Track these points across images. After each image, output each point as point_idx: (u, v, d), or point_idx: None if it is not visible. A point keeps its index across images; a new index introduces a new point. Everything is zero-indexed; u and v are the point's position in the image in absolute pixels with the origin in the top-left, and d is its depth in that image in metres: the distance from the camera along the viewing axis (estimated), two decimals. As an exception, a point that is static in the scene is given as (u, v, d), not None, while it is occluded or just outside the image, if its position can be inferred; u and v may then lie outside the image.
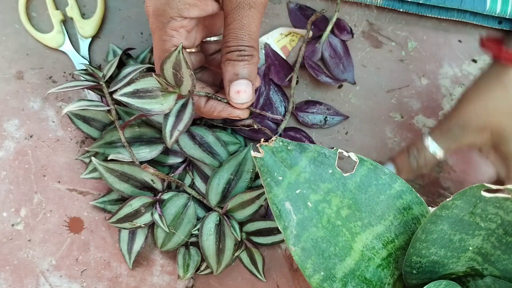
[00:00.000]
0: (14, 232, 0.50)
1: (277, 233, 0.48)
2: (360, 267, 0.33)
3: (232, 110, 0.41)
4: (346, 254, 0.32)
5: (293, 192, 0.32)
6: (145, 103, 0.38)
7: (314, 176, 0.32)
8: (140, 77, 0.38)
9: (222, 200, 0.47)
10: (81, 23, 0.51)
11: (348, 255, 0.32)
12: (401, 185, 0.33)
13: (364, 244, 0.33)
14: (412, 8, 0.52)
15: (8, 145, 0.50)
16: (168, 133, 0.40)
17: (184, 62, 0.36)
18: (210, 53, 0.46)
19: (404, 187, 0.33)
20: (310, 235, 0.32)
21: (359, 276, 0.33)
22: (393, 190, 0.33)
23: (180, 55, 0.36)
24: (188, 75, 0.37)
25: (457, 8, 0.51)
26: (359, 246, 0.33)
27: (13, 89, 0.51)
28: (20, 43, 0.51)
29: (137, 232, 0.48)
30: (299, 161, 0.33)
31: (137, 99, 0.38)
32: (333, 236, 0.32)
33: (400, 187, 0.33)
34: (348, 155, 0.33)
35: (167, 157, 0.47)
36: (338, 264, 0.32)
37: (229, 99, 0.40)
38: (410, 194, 0.33)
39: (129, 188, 0.46)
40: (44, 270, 0.49)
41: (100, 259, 0.50)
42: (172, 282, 0.50)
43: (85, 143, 0.51)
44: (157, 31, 0.39)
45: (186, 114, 0.40)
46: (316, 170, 0.32)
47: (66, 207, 0.50)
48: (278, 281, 0.50)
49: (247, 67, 0.38)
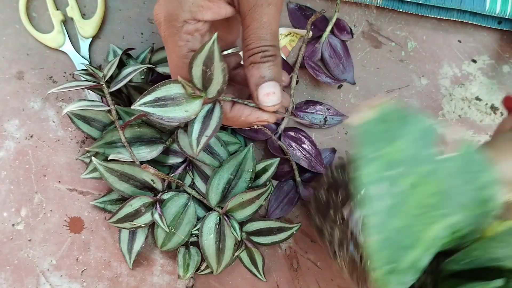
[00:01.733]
0: (14, 232, 0.50)
1: (277, 233, 0.48)
2: (422, 257, 0.30)
3: (261, 114, 0.38)
4: (415, 244, 0.29)
5: (388, 172, 0.28)
6: (167, 111, 0.36)
7: (412, 156, 0.28)
8: (161, 84, 0.36)
9: (222, 200, 0.47)
10: (81, 23, 0.51)
11: (417, 246, 0.29)
12: (489, 176, 0.30)
13: (434, 234, 0.30)
14: (412, 8, 0.52)
15: (8, 145, 0.51)
16: (195, 141, 0.37)
17: (218, 53, 0.33)
18: (231, 67, 0.44)
19: (491, 178, 0.30)
20: (394, 224, 0.28)
21: (418, 267, 0.30)
22: (481, 180, 0.30)
23: (215, 45, 0.33)
24: (220, 70, 0.34)
25: (457, 8, 0.51)
26: (429, 236, 0.30)
27: (14, 89, 0.51)
28: (20, 43, 0.52)
29: (137, 232, 0.48)
30: (401, 135, 0.28)
31: (159, 108, 0.36)
32: (413, 225, 0.29)
33: (488, 178, 0.30)
34: (455, 136, 0.29)
35: (167, 157, 0.47)
36: (404, 256, 0.29)
37: (259, 103, 0.37)
38: (494, 187, 0.30)
39: (129, 188, 0.46)
40: (44, 270, 0.49)
41: (100, 259, 0.50)
42: (172, 281, 0.50)
43: (86, 143, 0.51)
44: (170, 38, 0.36)
45: (214, 118, 0.37)
46: (416, 148, 0.28)
47: (66, 207, 0.50)
48: (278, 281, 0.50)
49: (272, 67, 0.36)
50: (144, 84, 0.47)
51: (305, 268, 0.51)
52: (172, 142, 0.47)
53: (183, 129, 0.46)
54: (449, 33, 0.53)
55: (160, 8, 0.37)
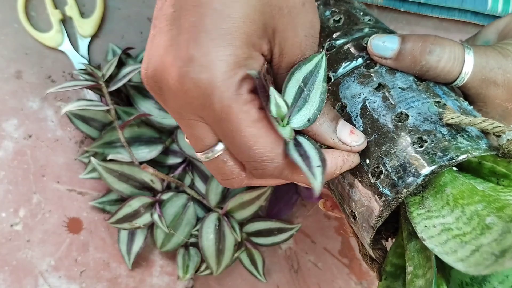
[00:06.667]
0: (13, 233, 0.49)
1: (277, 234, 0.48)
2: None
3: (352, 158, 0.29)
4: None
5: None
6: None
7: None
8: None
9: (222, 200, 0.46)
10: (80, 23, 0.51)
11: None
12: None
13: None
14: (413, 8, 0.52)
15: (7, 145, 0.50)
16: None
17: (324, 71, 0.27)
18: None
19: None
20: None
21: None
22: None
23: (323, 61, 0.27)
24: (319, 92, 0.27)
25: (458, 8, 0.51)
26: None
27: (12, 89, 0.51)
28: (19, 43, 0.51)
29: (136, 232, 0.48)
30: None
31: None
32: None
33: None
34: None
35: (166, 157, 0.47)
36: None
37: (344, 147, 0.28)
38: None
39: (128, 188, 0.46)
40: (43, 270, 0.49)
41: (99, 259, 0.49)
42: (172, 283, 0.49)
43: (84, 143, 0.50)
44: (229, 108, 0.24)
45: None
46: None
47: (65, 207, 0.50)
48: (278, 282, 0.50)
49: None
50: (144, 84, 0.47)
51: (305, 269, 0.51)
52: (171, 142, 0.47)
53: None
54: (450, 33, 0.53)
55: (189, 68, 0.23)
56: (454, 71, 0.30)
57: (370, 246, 0.30)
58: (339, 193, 0.32)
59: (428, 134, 0.27)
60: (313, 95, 0.27)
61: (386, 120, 0.28)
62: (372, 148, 0.28)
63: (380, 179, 0.27)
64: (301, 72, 0.26)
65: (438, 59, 0.30)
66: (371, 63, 0.31)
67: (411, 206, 0.27)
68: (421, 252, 0.27)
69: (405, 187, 0.26)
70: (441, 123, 0.27)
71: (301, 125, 0.26)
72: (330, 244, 0.51)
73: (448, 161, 0.26)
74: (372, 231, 0.28)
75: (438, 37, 0.30)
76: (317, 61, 0.26)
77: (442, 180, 0.27)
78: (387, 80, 0.30)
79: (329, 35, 0.34)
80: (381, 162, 0.28)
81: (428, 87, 0.30)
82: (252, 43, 0.24)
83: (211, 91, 0.23)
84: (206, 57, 0.23)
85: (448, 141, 0.26)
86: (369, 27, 0.34)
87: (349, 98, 0.30)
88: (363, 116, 0.29)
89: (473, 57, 0.30)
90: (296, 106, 0.26)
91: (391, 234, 0.33)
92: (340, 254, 0.51)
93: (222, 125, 0.24)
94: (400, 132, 0.28)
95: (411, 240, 0.28)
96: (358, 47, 0.32)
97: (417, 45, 0.30)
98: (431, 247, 0.24)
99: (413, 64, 0.30)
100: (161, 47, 0.24)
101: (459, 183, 0.27)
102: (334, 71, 0.32)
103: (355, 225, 0.31)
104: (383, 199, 0.27)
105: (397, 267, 0.30)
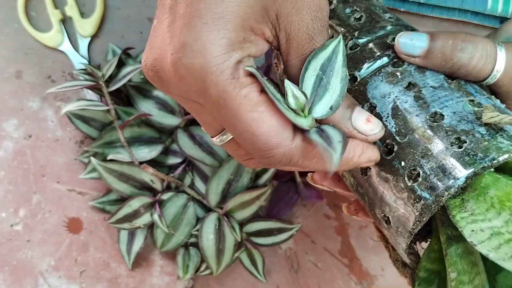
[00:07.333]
0: (13, 233, 0.49)
1: (277, 234, 0.48)
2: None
3: (372, 151, 0.27)
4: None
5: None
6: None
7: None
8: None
9: (222, 200, 0.46)
10: (80, 23, 0.51)
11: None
12: None
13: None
14: (413, 8, 0.52)
15: (6, 145, 0.50)
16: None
17: (343, 56, 0.26)
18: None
19: None
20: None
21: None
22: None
23: (340, 45, 0.25)
24: (340, 78, 0.26)
25: (458, 8, 0.51)
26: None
27: (12, 89, 0.51)
28: (19, 43, 0.51)
29: (136, 232, 0.48)
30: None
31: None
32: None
33: None
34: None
35: (166, 157, 0.47)
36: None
37: (360, 136, 0.27)
38: None
39: (128, 188, 0.46)
40: (43, 270, 0.49)
41: (99, 259, 0.49)
42: (172, 283, 0.49)
43: (84, 143, 0.50)
44: (226, 93, 0.23)
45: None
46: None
47: (65, 207, 0.50)
48: (278, 282, 0.50)
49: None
50: (144, 84, 0.47)
51: (305, 269, 0.51)
52: (171, 142, 0.47)
53: (182, 129, 0.46)
54: (450, 33, 0.53)
55: (187, 54, 0.23)
56: (486, 68, 0.29)
57: (405, 252, 0.29)
58: (370, 197, 0.30)
59: (466, 134, 0.26)
60: (333, 81, 0.26)
61: (420, 120, 0.27)
62: (407, 149, 0.27)
63: (417, 182, 0.26)
64: (318, 60, 0.25)
65: (471, 57, 0.28)
66: (398, 61, 0.30)
67: (453, 209, 0.26)
68: (464, 257, 0.26)
69: (446, 190, 0.25)
70: (478, 122, 0.26)
71: (323, 114, 0.25)
72: (330, 244, 0.51)
73: (490, 162, 0.24)
74: (409, 236, 0.27)
75: (469, 34, 0.29)
76: (334, 46, 0.25)
77: (483, 181, 0.26)
78: (417, 79, 0.29)
79: (351, 33, 0.33)
80: (418, 164, 0.26)
81: (460, 85, 0.28)
82: (250, 27, 0.23)
83: (204, 76, 0.23)
84: (197, 41, 0.22)
85: (488, 141, 0.25)
86: (391, 24, 0.33)
87: (378, 98, 0.29)
88: (395, 117, 0.28)
89: (505, 54, 0.29)
90: (316, 95, 0.25)
91: (420, 238, 0.32)
92: (340, 254, 0.51)
93: (221, 112, 0.24)
94: (436, 132, 0.26)
95: (451, 244, 0.27)
96: (383, 45, 0.31)
97: (447, 43, 0.29)
98: (485, 253, 0.23)
99: (443, 62, 0.29)
100: (158, 37, 0.24)
101: (502, 184, 0.25)
102: (359, 70, 0.31)
103: (388, 230, 0.29)
104: (422, 203, 0.26)
105: (431, 272, 0.29)
